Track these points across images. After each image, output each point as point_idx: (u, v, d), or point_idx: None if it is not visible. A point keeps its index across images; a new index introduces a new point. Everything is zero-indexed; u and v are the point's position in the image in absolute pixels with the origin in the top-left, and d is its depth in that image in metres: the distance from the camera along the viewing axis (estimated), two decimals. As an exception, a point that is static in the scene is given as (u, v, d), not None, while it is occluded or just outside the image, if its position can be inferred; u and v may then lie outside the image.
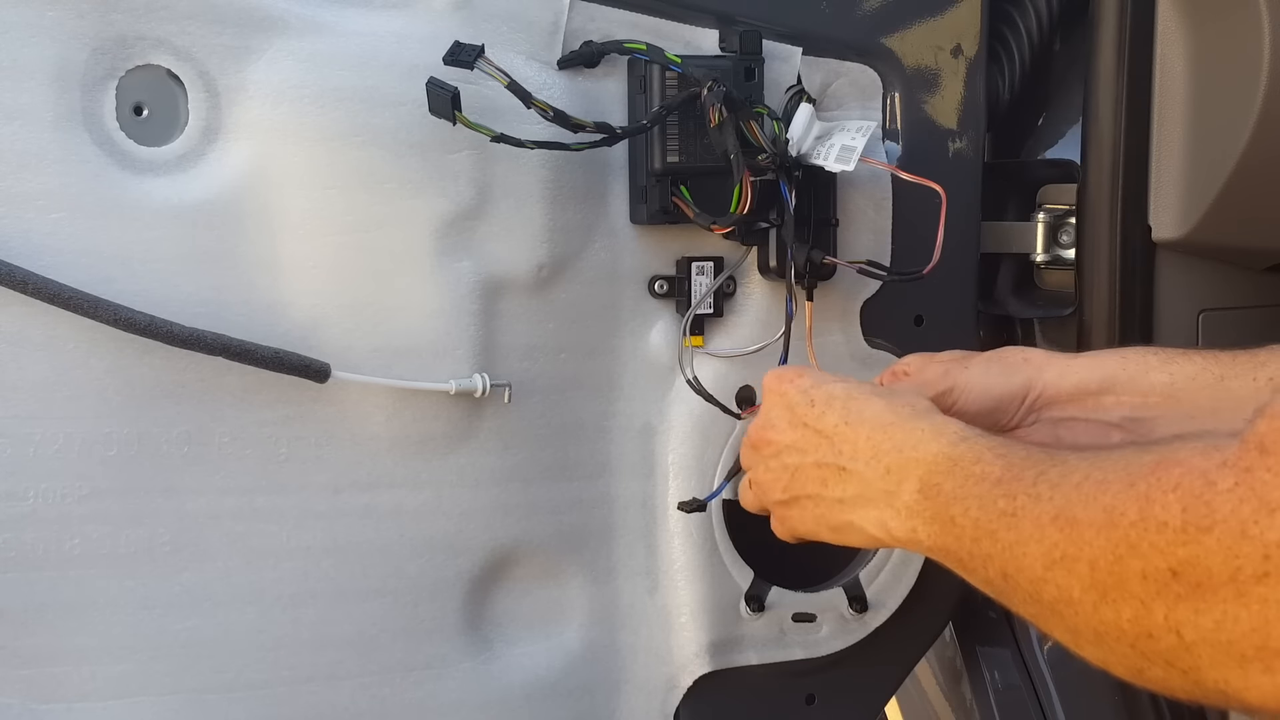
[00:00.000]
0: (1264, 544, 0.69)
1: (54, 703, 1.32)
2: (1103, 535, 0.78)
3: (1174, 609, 0.74)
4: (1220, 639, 0.72)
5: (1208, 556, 0.71)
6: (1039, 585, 0.84)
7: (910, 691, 1.98)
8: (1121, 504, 0.77)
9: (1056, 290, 1.65)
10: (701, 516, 1.52)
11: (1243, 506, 0.70)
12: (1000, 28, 1.65)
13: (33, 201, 1.25)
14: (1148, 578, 0.75)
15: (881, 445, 1.05)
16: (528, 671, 1.52)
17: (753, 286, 1.52)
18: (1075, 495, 0.82)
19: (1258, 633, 0.70)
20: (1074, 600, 0.81)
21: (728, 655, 1.58)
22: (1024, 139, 1.73)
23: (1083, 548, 0.80)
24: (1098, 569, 0.78)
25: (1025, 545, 0.85)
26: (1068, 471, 0.85)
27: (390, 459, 1.41)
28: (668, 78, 1.40)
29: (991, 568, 0.89)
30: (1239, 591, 0.70)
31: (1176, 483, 0.74)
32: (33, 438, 1.28)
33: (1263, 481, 0.70)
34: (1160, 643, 0.75)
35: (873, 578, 1.61)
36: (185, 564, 1.35)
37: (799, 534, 1.17)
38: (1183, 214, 1.51)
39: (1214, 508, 0.71)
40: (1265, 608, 0.69)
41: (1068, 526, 0.81)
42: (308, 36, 1.32)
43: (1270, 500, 0.69)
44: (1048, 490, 0.85)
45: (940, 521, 0.96)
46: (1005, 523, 0.88)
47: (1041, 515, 0.84)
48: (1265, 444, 0.70)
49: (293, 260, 1.34)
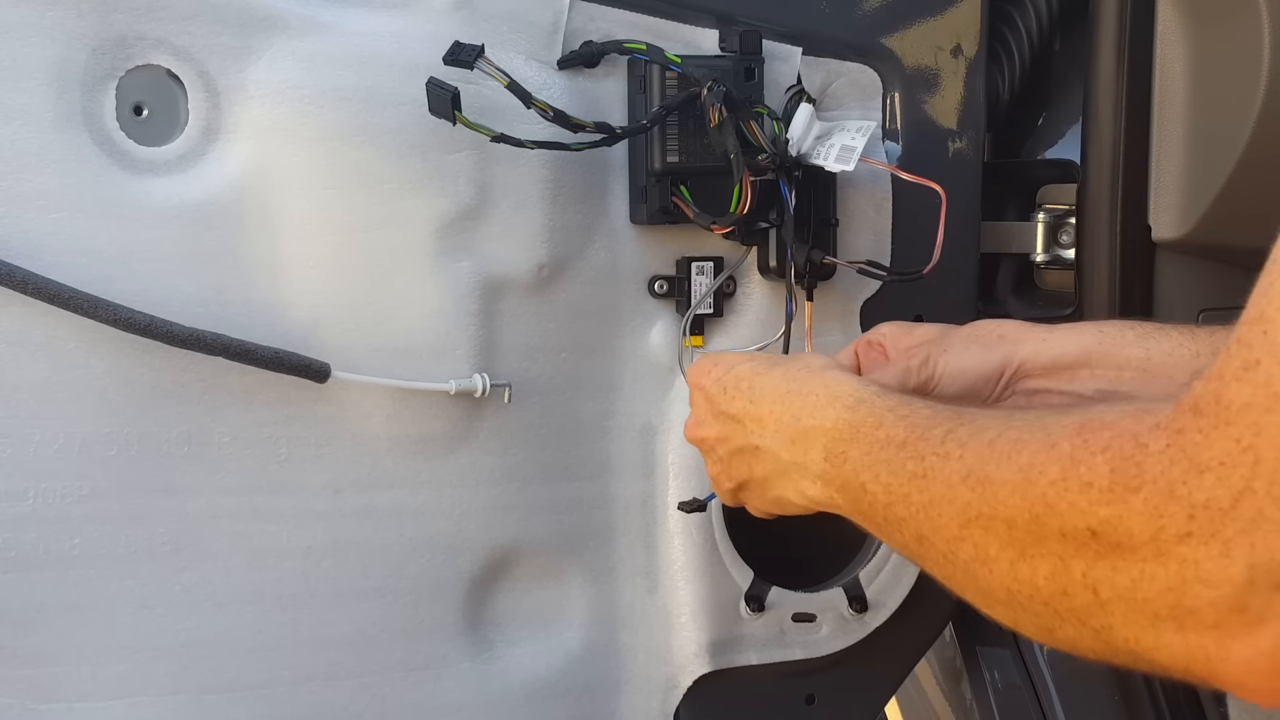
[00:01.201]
0: (1190, 504, 0.69)
1: (54, 703, 1.32)
2: (1018, 494, 0.78)
3: (1092, 567, 0.74)
4: (1136, 597, 0.72)
5: (1131, 517, 0.71)
6: (955, 545, 0.84)
7: (910, 691, 1.98)
8: (1040, 463, 0.77)
9: (1056, 290, 1.65)
10: (701, 516, 1.52)
11: (1173, 468, 0.70)
12: (1000, 28, 1.65)
13: (33, 201, 1.25)
14: (1066, 536, 0.75)
15: (783, 417, 1.06)
16: (528, 671, 1.52)
17: (753, 286, 1.52)
18: (988, 453, 0.82)
19: (1173, 591, 0.70)
20: (991, 558, 0.80)
21: (728, 655, 1.58)
22: (1024, 139, 1.73)
23: (998, 506, 0.79)
24: (1015, 527, 0.78)
25: (939, 506, 0.85)
26: (977, 429, 0.85)
27: (390, 459, 1.41)
28: (668, 78, 1.40)
29: (907, 531, 0.90)
30: (1159, 551, 0.70)
31: (1106, 445, 0.74)
32: (33, 438, 1.28)
33: (1194, 443, 0.69)
34: (1075, 600, 0.75)
35: (873, 578, 1.61)
36: (185, 564, 1.35)
37: (762, 513, 1.19)
38: (1183, 214, 1.51)
39: (1144, 469, 0.71)
40: (1183, 567, 0.69)
41: (980, 485, 0.81)
42: (308, 36, 1.32)
43: (1200, 461, 0.69)
44: (957, 449, 0.85)
45: (852, 488, 0.97)
46: (916, 485, 0.88)
47: (952, 475, 0.84)
48: (1199, 405, 0.70)
49: (293, 260, 1.34)
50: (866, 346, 1.25)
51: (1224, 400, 0.69)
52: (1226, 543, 0.67)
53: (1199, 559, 0.68)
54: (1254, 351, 0.68)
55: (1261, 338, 0.68)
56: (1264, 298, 0.69)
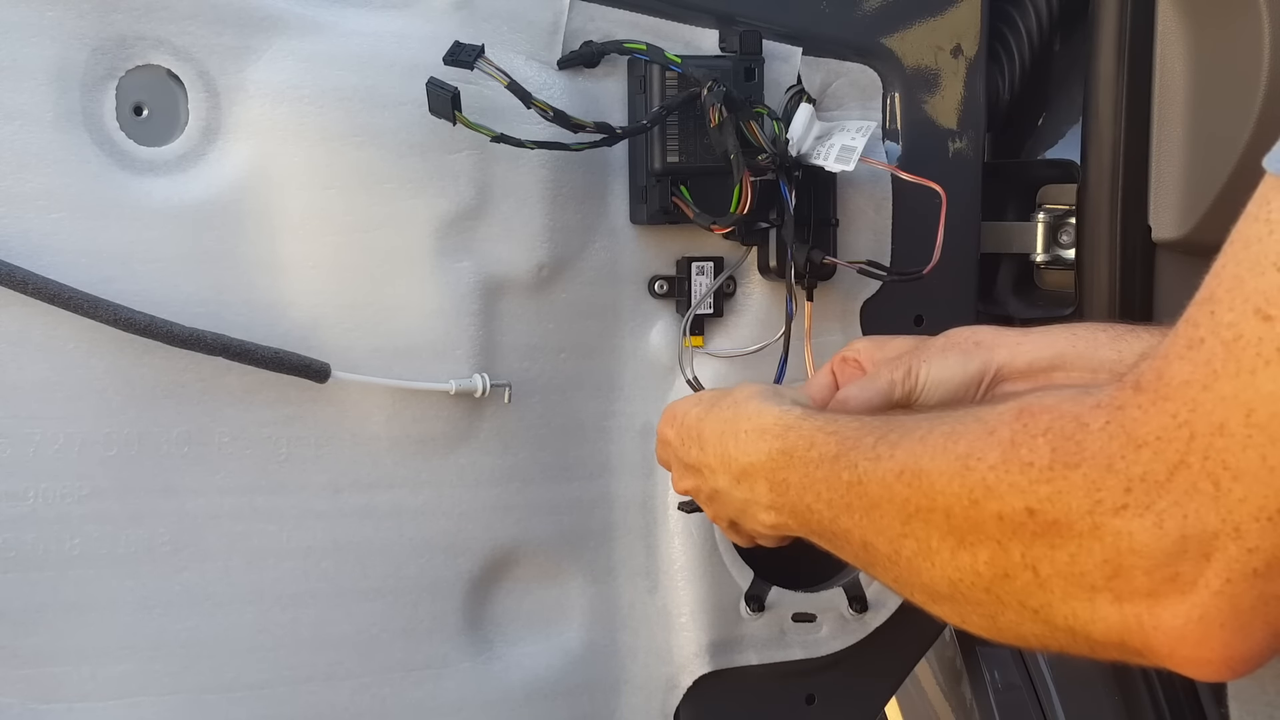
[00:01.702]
0: (1127, 477, 0.70)
1: (54, 703, 1.32)
2: (956, 481, 0.79)
3: (1030, 546, 0.75)
4: (1073, 571, 0.73)
5: (1070, 492, 0.73)
6: (898, 543, 0.85)
7: (910, 691, 1.99)
8: (979, 450, 0.78)
9: (1056, 290, 1.65)
10: (701, 516, 1.52)
11: (1111, 443, 0.72)
12: (1000, 28, 1.65)
13: (33, 201, 1.25)
14: (1004, 518, 0.76)
15: (724, 459, 1.10)
16: (528, 671, 1.52)
17: (753, 286, 1.52)
18: (920, 449, 0.84)
19: (1109, 563, 0.72)
20: (932, 550, 0.82)
21: (728, 655, 1.58)
22: (1024, 139, 1.73)
23: (935, 497, 0.81)
24: (953, 515, 0.80)
25: (879, 508, 0.87)
26: (907, 431, 0.87)
27: (390, 459, 1.41)
28: (668, 78, 1.40)
29: (854, 540, 0.91)
30: (1095, 525, 0.72)
31: (1047, 427, 0.75)
32: (33, 438, 1.28)
33: (1132, 418, 0.71)
34: (1015, 581, 0.77)
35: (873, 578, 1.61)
36: (185, 564, 1.35)
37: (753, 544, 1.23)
38: (1183, 214, 1.51)
39: (1084, 446, 0.73)
40: (1118, 539, 0.71)
41: (915, 479, 0.83)
42: (308, 36, 1.32)
43: (1138, 435, 0.71)
44: (888, 450, 0.87)
45: (799, 512, 1.00)
46: (855, 493, 0.90)
47: (887, 475, 0.86)
48: (1141, 382, 0.72)
49: (293, 260, 1.34)
50: (841, 363, 1.26)
51: (1165, 377, 0.70)
52: (1160, 514, 0.69)
53: (1133, 530, 0.70)
54: (1199, 330, 0.70)
55: (1209, 317, 0.69)
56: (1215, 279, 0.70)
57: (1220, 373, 0.68)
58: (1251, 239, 0.68)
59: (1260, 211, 0.68)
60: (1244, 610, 0.69)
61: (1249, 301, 0.67)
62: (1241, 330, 0.67)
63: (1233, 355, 0.67)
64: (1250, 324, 0.67)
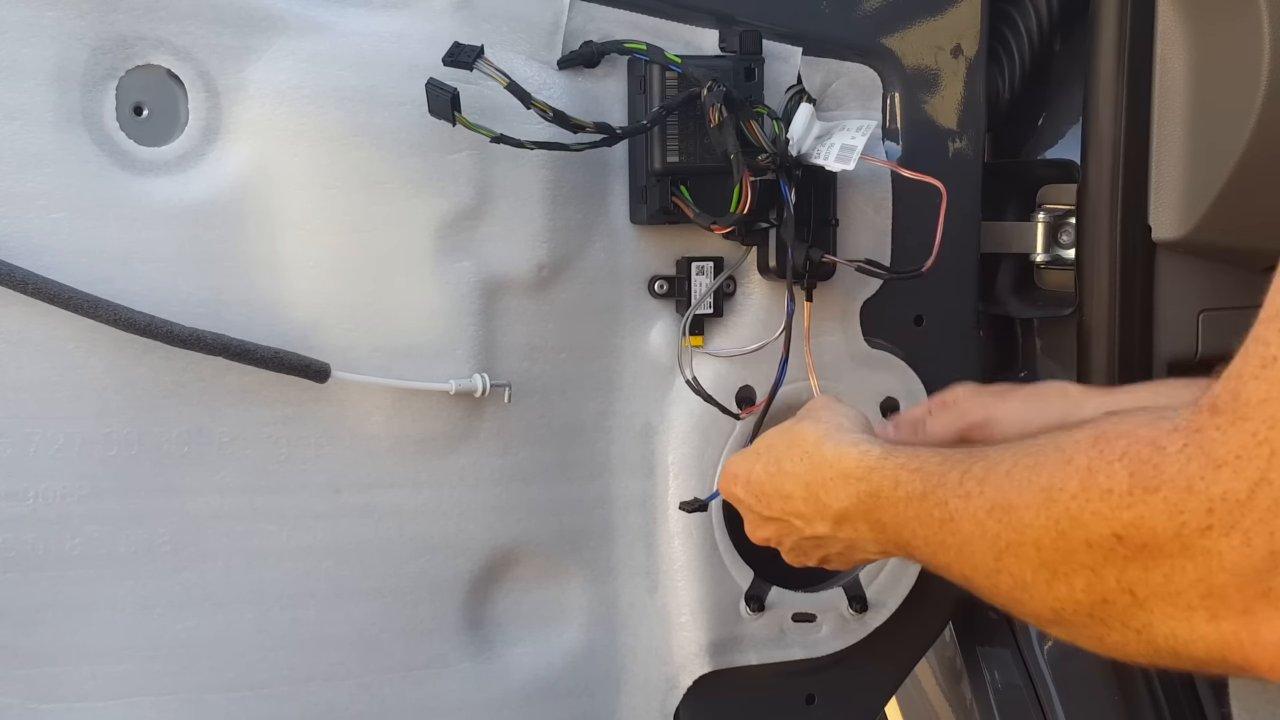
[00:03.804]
0: (1208, 498, 0.71)
1: (54, 703, 1.32)
2: (1042, 514, 0.80)
3: (1124, 571, 0.76)
4: (1169, 591, 0.74)
5: (1153, 516, 0.74)
6: (994, 578, 0.86)
7: (910, 691, 1.98)
8: (1059, 481, 0.79)
9: (1056, 290, 1.65)
10: (701, 516, 1.52)
11: (1190, 465, 0.72)
12: (1000, 28, 1.65)
13: (33, 201, 1.25)
14: (1093, 546, 0.77)
15: (817, 509, 1.11)
16: (528, 671, 1.52)
17: (753, 286, 1.52)
18: (1007, 483, 0.84)
19: (1202, 582, 0.73)
20: (1027, 584, 0.83)
21: (728, 655, 1.58)
22: (1024, 139, 1.73)
23: (1024, 531, 0.82)
24: (1043, 548, 0.81)
25: (971, 545, 0.88)
26: (992, 464, 0.87)
27: (390, 459, 1.41)
28: (668, 78, 1.40)
29: (954, 573, 0.93)
30: (1184, 545, 0.73)
31: (1123, 452, 0.76)
32: (33, 438, 1.28)
33: (1210, 439, 0.72)
34: (1116, 605, 0.78)
35: (873, 578, 1.61)
36: (185, 564, 1.35)
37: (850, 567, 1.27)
38: (1183, 214, 1.51)
39: (1161, 469, 0.74)
40: (1208, 559, 0.72)
41: (1004, 515, 0.84)
42: (308, 36, 1.32)
43: (1216, 456, 0.71)
44: (976, 486, 0.88)
45: (901, 546, 1.01)
46: (947, 530, 0.91)
47: (977, 511, 0.87)
48: (1217, 405, 0.72)
49: (293, 260, 1.34)
50: (940, 405, 1.28)
51: (1242, 397, 0.71)
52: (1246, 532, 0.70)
53: (1222, 550, 0.71)
54: (1271, 349, 0.70)
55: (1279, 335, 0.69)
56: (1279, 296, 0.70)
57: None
58: None
59: None
60: None
61: None
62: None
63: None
64: None
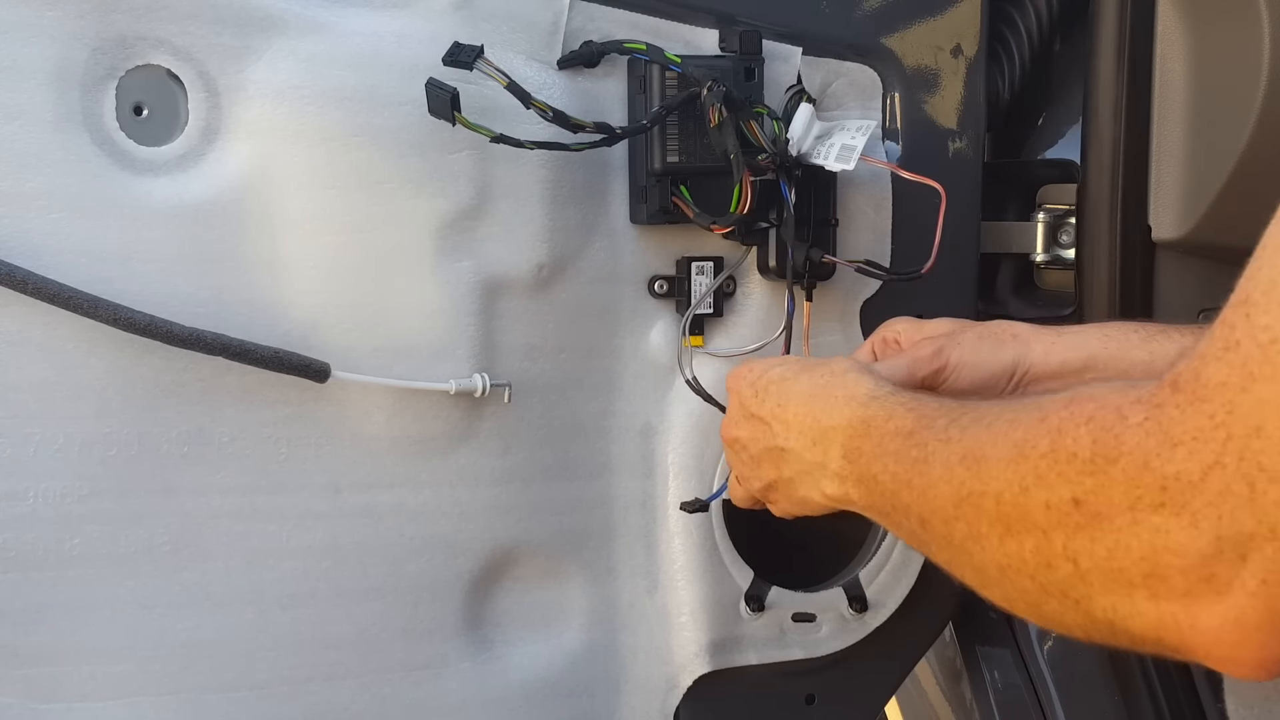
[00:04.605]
0: (1163, 476, 0.71)
1: (54, 703, 1.32)
2: (1011, 468, 0.80)
3: (1072, 538, 0.76)
4: (1112, 566, 0.74)
5: (1111, 486, 0.74)
6: (950, 524, 0.86)
7: (910, 691, 1.98)
8: (1033, 438, 0.80)
9: (1056, 290, 1.65)
10: (701, 516, 1.52)
11: (1148, 440, 0.72)
12: (1000, 28, 1.65)
13: (33, 201, 1.25)
14: (1051, 507, 0.77)
15: (805, 420, 1.10)
16: (528, 671, 1.52)
17: (752, 286, 1.52)
18: (985, 435, 0.85)
19: (1146, 560, 0.73)
20: (981, 535, 0.83)
21: (728, 655, 1.58)
22: (1024, 139, 1.73)
23: (989, 482, 0.82)
24: (1003, 502, 0.81)
25: (936, 487, 0.88)
26: (979, 415, 0.88)
27: (390, 459, 1.41)
28: (668, 78, 1.40)
29: (911, 517, 0.93)
30: (1134, 520, 0.73)
31: (1090, 416, 0.76)
32: (33, 438, 1.28)
33: (1169, 417, 0.72)
34: (1058, 572, 0.78)
35: (873, 578, 1.61)
36: (185, 564, 1.35)
37: (787, 514, 1.22)
38: (1183, 214, 1.51)
39: (1122, 440, 0.74)
40: (1155, 536, 0.72)
41: (975, 464, 0.84)
42: (308, 36, 1.32)
43: (1173, 435, 0.71)
44: (958, 434, 0.88)
45: (865, 481, 1.01)
46: (918, 470, 0.91)
47: (951, 456, 0.87)
48: (1179, 382, 0.72)
49: (293, 260, 1.34)
50: (882, 344, 1.27)
51: (1202, 378, 0.71)
52: (1195, 514, 0.70)
53: (1170, 529, 0.71)
54: (1235, 333, 0.70)
55: (1244, 320, 0.69)
56: (1250, 281, 0.71)
57: (1257, 375, 0.68)
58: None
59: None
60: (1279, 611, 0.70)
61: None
62: (1277, 333, 0.68)
63: (1269, 359, 0.68)
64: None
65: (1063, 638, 1.71)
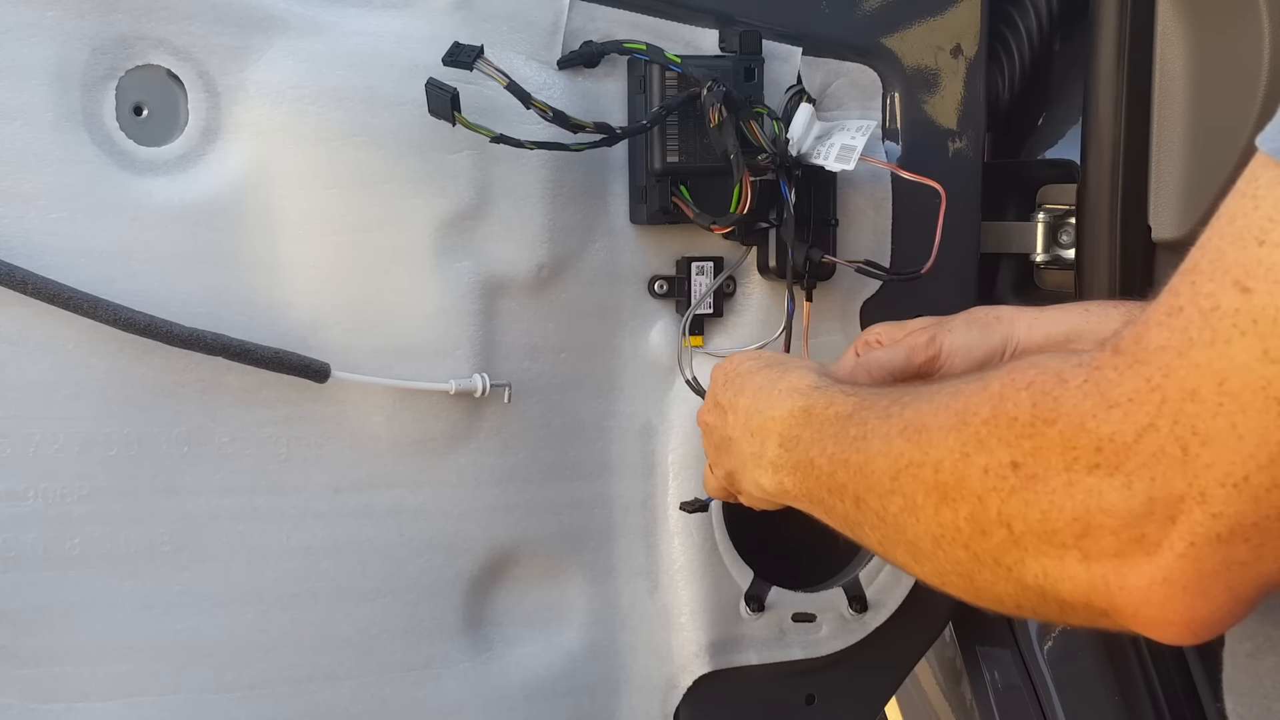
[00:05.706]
0: (1098, 436, 0.72)
1: (54, 703, 1.32)
2: (952, 435, 0.81)
3: (1007, 501, 0.76)
4: (1045, 528, 0.75)
5: (1048, 448, 0.74)
6: (885, 499, 0.87)
7: (910, 691, 1.98)
8: (975, 405, 0.80)
9: (1056, 290, 1.65)
10: (701, 516, 1.52)
11: (1085, 402, 0.73)
12: (1000, 28, 1.65)
13: (33, 201, 1.25)
14: (989, 471, 0.77)
15: (749, 410, 1.11)
16: (528, 671, 1.52)
17: (752, 286, 1.52)
18: (926, 407, 0.85)
19: (1079, 520, 0.73)
20: (917, 506, 0.83)
21: (728, 655, 1.58)
22: (1024, 139, 1.73)
23: (929, 451, 0.82)
24: (942, 470, 0.81)
25: (873, 463, 0.88)
26: (922, 392, 0.88)
27: (390, 459, 1.41)
28: (668, 78, 1.40)
29: (846, 497, 0.93)
30: (1069, 482, 0.73)
31: (1030, 381, 0.77)
32: (33, 438, 1.28)
33: (1107, 379, 0.72)
34: (991, 539, 0.78)
35: (873, 578, 1.61)
36: (185, 564, 1.35)
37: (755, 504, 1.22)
38: (1183, 214, 1.51)
39: (1060, 402, 0.74)
40: (1089, 498, 0.72)
41: (916, 434, 0.84)
42: (308, 36, 1.32)
43: (1110, 396, 0.72)
44: (898, 410, 0.88)
45: (801, 468, 1.01)
46: (856, 447, 0.91)
47: (890, 430, 0.87)
48: (1120, 346, 0.73)
49: (293, 260, 1.34)
50: (865, 346, 1.27)
51: (1143, 341, 0.72)
52: (1129, 475, 0.71)
53: (1103, 489, 0.72)
54: (1179, 299, 0.71)
55: (1189, 287, 0.70)
56: (1199, 250, 0.72)
57: (1196, 340, 0.69)
58: (1236, 213, 0.70)
59: (1248, 187, 0.71)
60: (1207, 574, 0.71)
61: (1229, 273, 0.68)
62: (1219, 301, 0.68)
63: (1209, 324, 0.68)
64: (1229, 295, 0.68)
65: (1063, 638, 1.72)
